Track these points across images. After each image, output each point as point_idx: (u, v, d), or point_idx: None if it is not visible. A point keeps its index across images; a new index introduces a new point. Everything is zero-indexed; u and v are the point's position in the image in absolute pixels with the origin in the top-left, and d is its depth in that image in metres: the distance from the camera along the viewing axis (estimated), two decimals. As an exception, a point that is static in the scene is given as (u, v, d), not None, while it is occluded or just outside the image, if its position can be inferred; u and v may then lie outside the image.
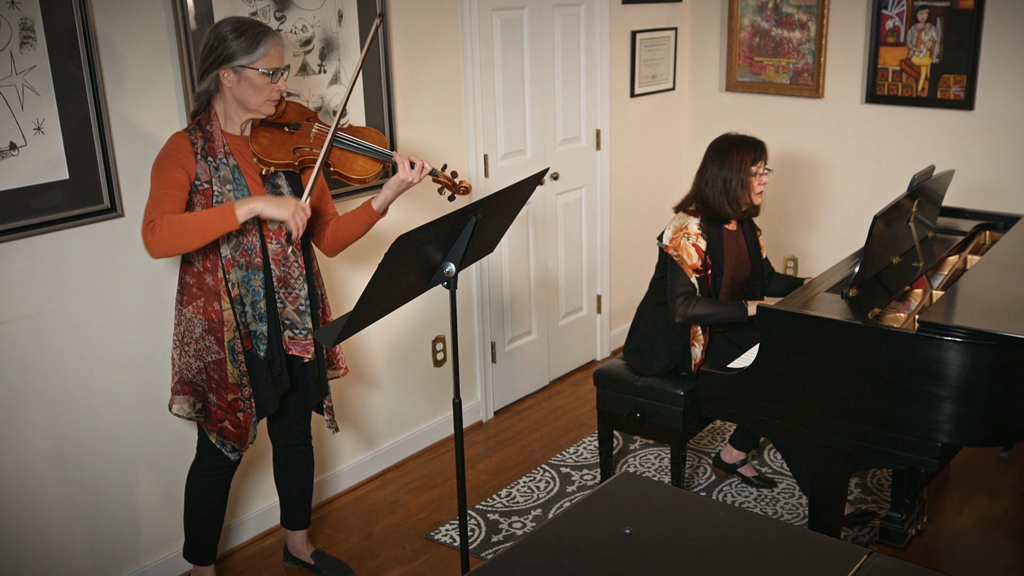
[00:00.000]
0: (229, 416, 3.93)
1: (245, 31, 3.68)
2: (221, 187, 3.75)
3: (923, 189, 4.57)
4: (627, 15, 6.59)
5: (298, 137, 3.90)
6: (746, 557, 2.28)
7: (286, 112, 3.94)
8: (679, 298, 4.57)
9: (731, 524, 2.43)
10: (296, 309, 3.97)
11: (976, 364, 3.50)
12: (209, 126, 3.78)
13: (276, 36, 3.75)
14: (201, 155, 3.74)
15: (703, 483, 5.30)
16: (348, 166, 3.93)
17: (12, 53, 3.66)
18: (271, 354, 3.96)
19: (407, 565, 4.65)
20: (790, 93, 6.83)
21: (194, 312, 3.84)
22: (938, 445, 3.62)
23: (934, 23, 6.13)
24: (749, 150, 4.63)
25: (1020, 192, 6.07)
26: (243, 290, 3.85)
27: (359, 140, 3.97)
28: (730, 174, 4.60)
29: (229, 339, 3.85)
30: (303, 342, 4.01)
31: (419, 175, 3.94)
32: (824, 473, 3.95)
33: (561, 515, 2.46)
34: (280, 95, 3.80)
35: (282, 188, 3.90)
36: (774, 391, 3.96)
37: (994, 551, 4.65)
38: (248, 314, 3.88)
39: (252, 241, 3.83)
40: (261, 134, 3.85)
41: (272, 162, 3.80)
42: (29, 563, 4.07)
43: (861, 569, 2.17)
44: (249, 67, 3.68)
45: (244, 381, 3.91)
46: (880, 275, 4.26)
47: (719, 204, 4.61)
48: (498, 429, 6.04)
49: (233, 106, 3.78)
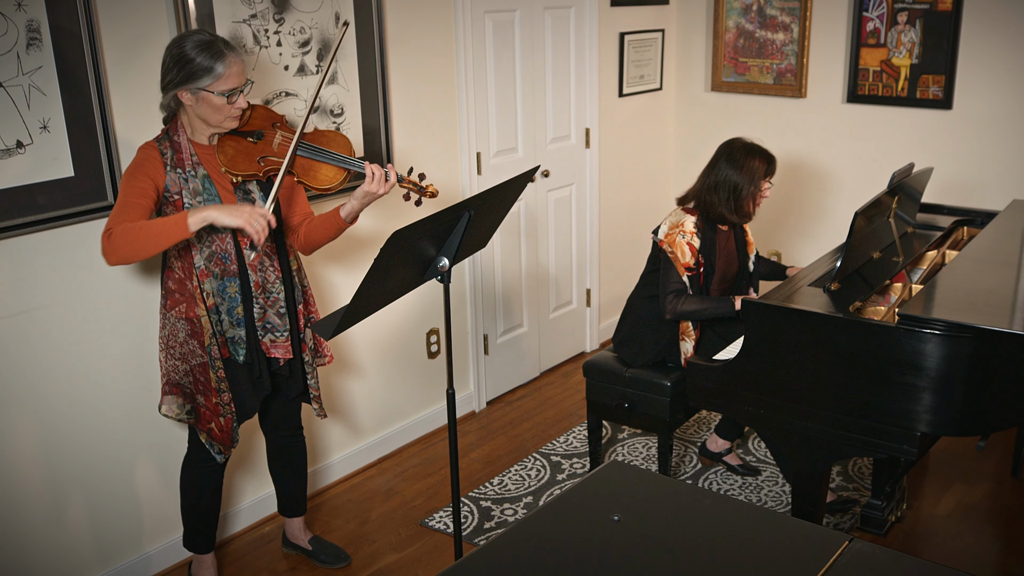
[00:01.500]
0: (215, 419, 3.92)
1: (202, 51, 3.57)
2: (192, 199, 3.69)
3: (903, 186, 4.58)
4: (615, 17, 6.59)
5: (262, 146, 3.82)
6: (731, 543, 2.28)
7: (251, 119, 3.86)
8: (670, 295, 4.57)
9: (716, 511, 2.43)
10: (277, 312, 3.94)
11: (954, 356, 3.50)
12: (176, 136, 3.72)
13: (234, 55, 3.64)
14: (171, 166, 3.68)
15: (689, 471, 5.30)
16: (312, 175, 3.84)
17: (19, 54, 3.66)
18: (250, 357, 3.93)
19: (402, 551, 4.65)
20: (774, 93, 6.83)
21: (177, 315, 3.81)
22: (917, 434, 3.63)
23: (913, 25, 6.13)
24: (765, 162, 4.61)
25: (997, 189, 6.08)
26: (219, 299, 3.81)
27: (323, 149, 3.86)
28: (742, 180, 4.56)
29: (207, 344, 3.82)
30: (284, 344, 3.97)
31: (385, 187, 3.83)
32: (807, 461, 3.95)
33: (551, 502, 2.45)
34: (241, 111, 3.72)
35: (253, 194, 3.84)
36: (758, 382, 3.96)
37: (971, 537, 4.66)
38: (225, 321, 3.84)
39: (226, 248, 3.78)
40: (227, 144, 3.78)
41: (238, 173, 3.74)
42: (36, 553, 4.07)
43: (842, 555, 2.17)
44: (205, 89, 3.60)
45: (223, 387, 3.88)
46: (861, 269, 4.27)
47: (722, 208, 4.59)
48: (490, 419, 6.04)
49: (196, 120, 3.72)
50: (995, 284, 3.92)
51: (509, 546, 2.27)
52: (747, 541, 2.28)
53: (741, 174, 4.55)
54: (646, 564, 2.17)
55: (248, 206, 3.57)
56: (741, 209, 4.61)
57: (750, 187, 4.56)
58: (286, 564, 4.58)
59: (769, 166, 4.61)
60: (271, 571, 4.53)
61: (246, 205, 3.59)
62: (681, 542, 2.28)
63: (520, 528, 2.33)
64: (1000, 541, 4.64)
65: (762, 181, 4.59)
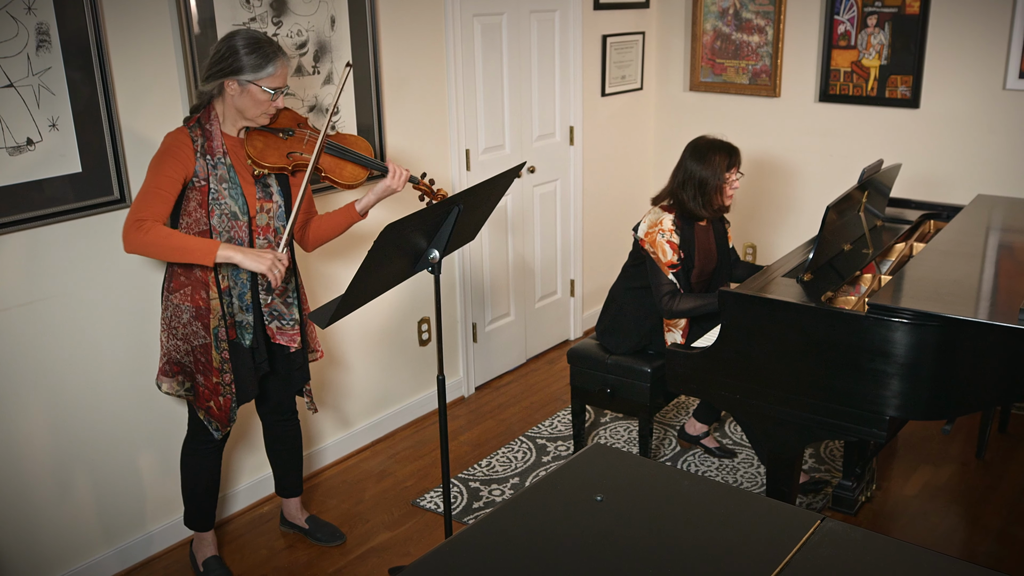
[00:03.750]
0: (214, 398, 3.91)
1: (257, 48, 3.63)
2: (218, 185, 3.72)
3: (872, 181, 4.58)
4: (598, 20, 6.58)
5: (291, 142, 3.88)
6: (708, 522, 2.28)
7: (279, 119, 3.92)
8: (664, 297, 4.57)
9: (694, 491, 2.43)
10: (284, 301, 3.97)
11: (921, 343, 3.50)
12: (209, 125, 3.73)
13: (284, 58, 3.71)
14: (200, 153, 3.70)
15: (668, 453, 5.30)
16: (338, 172, 3.97)
17: (29, 56, 3.65)
18: (255, 343, 3.95)
19: (395, 529, 4.65)
20: (749, 92, 6.82)
21: (181, 299, 3.80)
22: (886, 418, 3.63)
23: (883, 28, 6.14)
24: (726, 154, 4.60)
25: (962, 184, 6.08)
26: (231, 282, 3.83)
27: (349, 148, 4.00)
28: (708, 175, 4.56)
29: (215, 326, 3.82)
30: (290, 332, 3.99)
31: (402, 183, 4.02)
32: (780, 444, 3.96)
33: (537, 483, 2.45)
34: (276, 110, 3.78)
35: (271, 188, 3.86)
36: (734, 368, 3.96)
37: (937, 516, 4.67)
38: (235, 305, 3.85)
39: (241, 236, 3.79)
40: (256, 137, 3.82)
41: (267, 165, 3.78)
42: (44, 532, 4.06)
43: (815, 533, 2.17)
44: (254, 83, 3.65)
45: (226, 368, 3.88)
46: (832, 261, 4.27)
47: (693, 204, 4.59)
48: (479, 404, 6.04)
49: (231, 111, 3.74)
50: (960, 275, 3.92)
51: (497, 525, 2.27)
52: (723, 520, 2.28)
53: (705, 168, 4.55)
54: (627, 542, 2.17)
55: (270, 253, 3.66)
56: (710, 203, 4.60)
57: (715, 180, 4.56)
58: (284, 542, 4.58)
59: (731, 158, 4.61)
60: (269, 548, 4.52)
61: (268, 252, 3.66)
62: (661, 521, 2.28)
63: (507, 508, 2.33)
64: (965, 520, 4.65)
65: (727, 173, 4.59)
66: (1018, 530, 4.55)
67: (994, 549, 4.40)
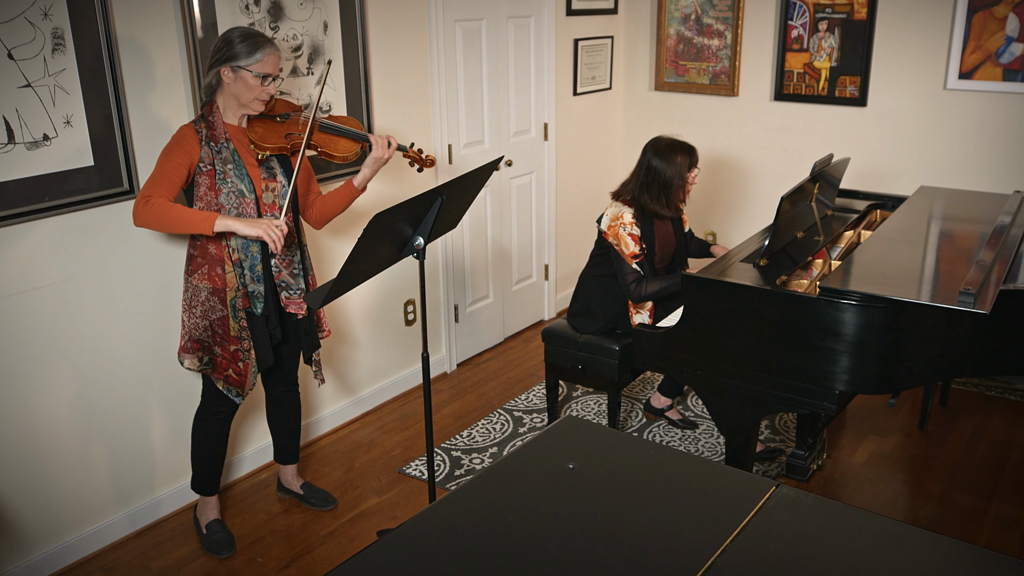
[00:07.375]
0: (232, 365, 3.93)
1: (248, 38, 3.71)
2: (223, 166, 3.76)
3: (823, 174, 4.58)
4: (571, 25, 6.57)
5: (288, 125, 3.94)
6: (672, 487, 2.28)
7: (276, 106, 3.97)
8: (631, 285, 4.57)
9: (659, 459, 2.43)
10: (291, 273, 4.00)
11: (868, 323, 3.51)
12: (212, 117, 3.79)
13: (273, 47, 3.77)
14: (205, 141, 3.75)
15: (635, 425, 5.31)
16: (332, 146, 3.99)
17: (45, 58, 3.65)
18: (267, 311, 3.97)
19: (383, 495, 4.64)
20: (710, 92, 6.82)
21: (199, 280, 3.84)
22: (836, 392, 3.64)
23: (833, 32, 6.14)
24: (687, 154, 4.59)
25: (906, 176, 6.10)
26: (242, 255, 3.85)
27: (340, 125, 4.04)
28: (672, 174, 4.55)
29: (231, 298, 3.86)
30: (298, 301, 4.04)
31: (388, 152, 4.03)
32: (738, 416, 3.96)
33: (515, 452, 2.45)
34: (269, 96, 3.81)
35: (275, 169, 3.91)
36: (696, 347, 3.96)
37: (883, 483, 4.69)
38: (247, 276, 3.88)
39: (250, 212, 3.82)
40: (256, 124, 3.88)
41: (267, 147, 3.82)
42: (63, 492, 4.06)
43: (770, 499, 2.18)
44: (245, 68, 3.70)
45: (244, 335, 3.92)
46: (786, 247, 4.27)
47: (656, 205, 4.58)
48: (460, 379, 6.03)
49: (230, 100, 3.79)
50: (904, 260, 3.93)
51: (478, 490, 2.27)
52: (686, 486, 2.28)
53: (670, 168, 4.55)
54: (597, 506, 2.17)
55: (265, 220, 3.68)
56: (672, 202, 4.61)
57: (679, 180, 4.57)
58: (280, 507, 4.57)
59: (692, 157, 4.61)
60: (267, 512, 4.51)
61: (263, 219, 3.69)
62: (628, 487, 2.28)
63: (487, 475, 2.33)
64: (909, 487, 4.67)
65: (688, 172, 4.59)
66: (957, 495, 4.57)
67: (935, 513, 4.43)
